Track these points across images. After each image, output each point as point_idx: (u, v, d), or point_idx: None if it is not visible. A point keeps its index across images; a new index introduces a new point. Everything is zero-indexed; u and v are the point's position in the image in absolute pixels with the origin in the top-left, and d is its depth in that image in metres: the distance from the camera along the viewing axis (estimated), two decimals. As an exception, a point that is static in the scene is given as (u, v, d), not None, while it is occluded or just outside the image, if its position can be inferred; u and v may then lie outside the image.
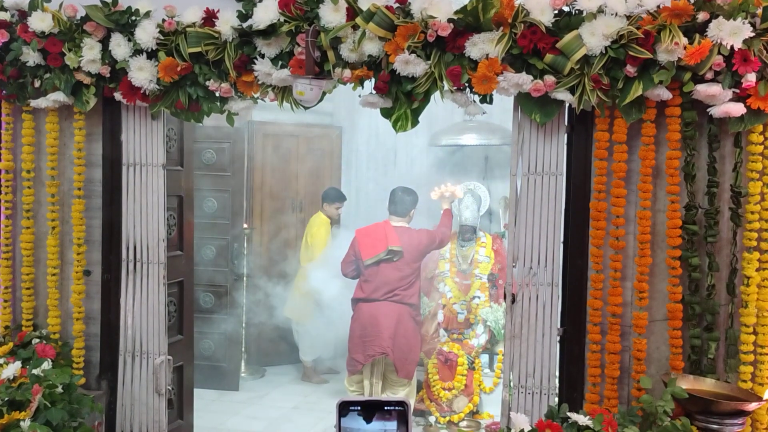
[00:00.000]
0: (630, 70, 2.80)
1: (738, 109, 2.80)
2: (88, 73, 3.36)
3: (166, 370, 3.56)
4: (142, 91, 3.32)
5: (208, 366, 6.37)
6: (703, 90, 2.80)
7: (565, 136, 3.15)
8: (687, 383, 2.82)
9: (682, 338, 2.98)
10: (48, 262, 3.61)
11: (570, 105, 2.98)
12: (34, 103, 3.50)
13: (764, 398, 2.79)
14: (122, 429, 3.57)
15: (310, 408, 6.22)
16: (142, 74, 3.26)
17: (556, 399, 3.19)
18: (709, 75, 2.79)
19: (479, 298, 5.78)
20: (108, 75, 3.35)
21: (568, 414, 2.77)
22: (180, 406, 3.93)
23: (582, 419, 2.70)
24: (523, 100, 3.03)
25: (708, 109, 2.87)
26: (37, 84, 3.46)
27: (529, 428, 2.70)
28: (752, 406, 2.70)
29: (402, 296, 5.07)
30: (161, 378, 3.55)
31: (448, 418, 5.50)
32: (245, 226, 6.58)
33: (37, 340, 3.49)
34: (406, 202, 5.23)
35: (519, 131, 3.15)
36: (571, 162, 3.16)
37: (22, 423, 2.68)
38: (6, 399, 2.83)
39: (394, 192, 5.27)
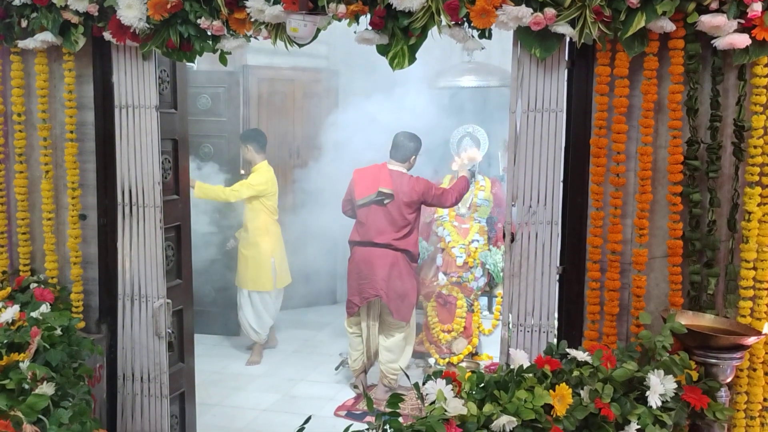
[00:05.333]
0: (633, 0, 2.71)
1: (743, 40, 2.73)
2: (76, 12, 3.27)
3: (165, 314, 3.57)
4: (131, 30, 3.23)
5: (209, 312, 6.40)
6: (707, 21, 2.72)
7: (566, 71, 3.08)
8: (686, 319, 2.82)
9: (681, 274, 2.97)
10: (43, 207, 3.58)
11: (571, 39, 2.90)
12: (21, 44, 3.42)
13: (763, 332, 2.79)
14: (123, 371, 3.59)
15: (310, 351, 6.28)
16: (131, 12, 3.17)
17: (555, 338, 3.19)
18: (714, 5, 2.72)
19: (478, 241, 5.77)
20: (96, 14, 3.26)
21: (567, 350, 2.78)
22: (180, 349, 3.94)
23: (581, 355, 2.71)
24: (522, 35, 2.95)
25: (712, 41, 2.80)
26: (24, 24, 3.38)
27: (528, 365, 2.71)
28: (750, 340, 2.70)
29: (396, 245, 5.05)
30: (161, 321, 3.55)
31: (447, 360, 5.56)
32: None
33: (35, 285, 3.49)
34: (408, 149, 5.16)
35: (518, 67, 3.08)
36: (571, 98, 3.09)
37: (21, 364, 2.69)
38: (5, 341, 2.84)
39: (397, 136, 5.21)
